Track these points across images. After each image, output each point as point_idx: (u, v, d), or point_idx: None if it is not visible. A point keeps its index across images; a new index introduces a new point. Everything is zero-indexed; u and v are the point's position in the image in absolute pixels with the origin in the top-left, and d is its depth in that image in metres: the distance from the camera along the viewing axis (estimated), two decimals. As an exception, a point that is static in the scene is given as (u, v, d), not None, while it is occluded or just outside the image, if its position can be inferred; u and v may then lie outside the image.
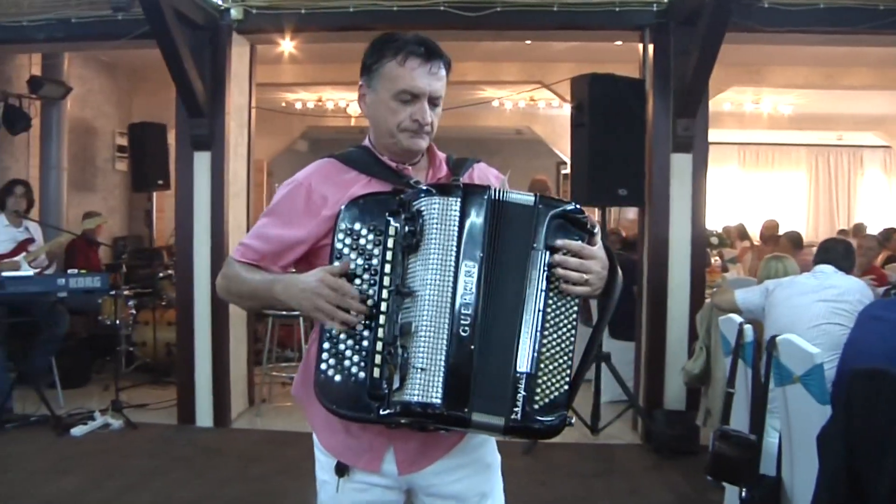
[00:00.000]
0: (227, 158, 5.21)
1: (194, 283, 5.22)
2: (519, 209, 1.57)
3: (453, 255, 1.51)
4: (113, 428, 5.07)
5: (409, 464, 1.71)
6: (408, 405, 1.47)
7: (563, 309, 1.56)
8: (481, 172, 1.85)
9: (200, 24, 4.94)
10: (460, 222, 1.53)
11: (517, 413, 1.51)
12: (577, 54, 7.50)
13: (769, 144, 14.03)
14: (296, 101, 10.47)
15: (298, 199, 1.71)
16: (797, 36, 5.25)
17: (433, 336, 1.49)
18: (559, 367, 1.54)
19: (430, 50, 1.68)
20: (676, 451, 4.71)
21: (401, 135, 1.69)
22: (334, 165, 1.75)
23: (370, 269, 1.55)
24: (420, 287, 1.50)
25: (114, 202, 8.39)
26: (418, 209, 1.54)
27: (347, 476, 1.71)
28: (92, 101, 8.03)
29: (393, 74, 1.68)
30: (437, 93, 1.69)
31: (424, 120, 1.68)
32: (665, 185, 5.10)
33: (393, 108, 1.68)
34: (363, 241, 1.56)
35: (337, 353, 1.54)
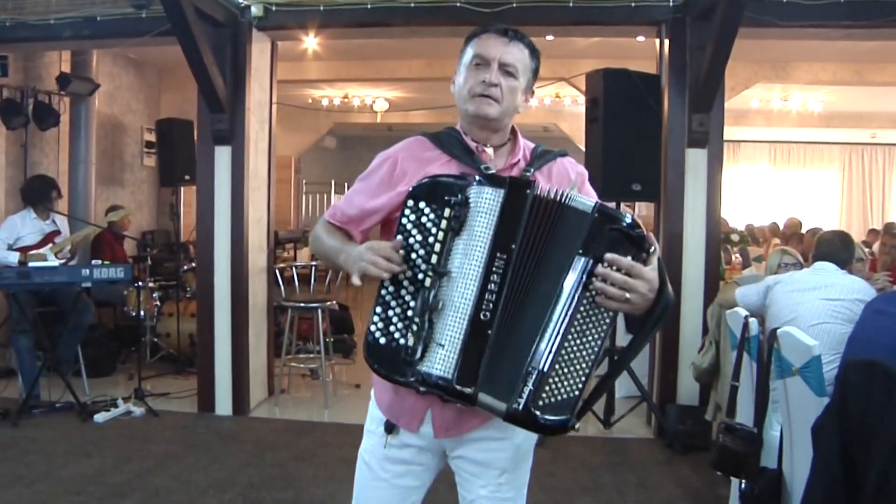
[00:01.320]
0: (248, 153, 5.31)
1: (214, 275, 5.33)
2: (572, 212, 1.60)
3: (487, 244, 1.59)
4: (135, 415, 5.21)
5: (445, 429, 1.83)
6: (426, 375, 1.59)
7: (595, 319, 1.58)
8: (561, 167, 1.88)
9: (221, 21, 5.05)
10: (500, 214, 1.60)
11: (520, 403, 1.57)
12: (599, 50, 7.51)
13: (801, 143, 13.86)
14: (322, 98, 10.59)
15: (384, 170, 1.86)
16: (819, 31, 5.21)
17: (456, 316, 1.59)
18: (574, 371, 1.58)
19: (508, 29, 1.81)
20: (688, 446, 4.71)
21: (471, 101, 1.80)
22: (422, 143, 1.87)
23: (426, 246, 1.64)
24: (456, 269, 1.61)
25: (141, 197, 8.58)
26: (467, 196, 1.63)
27: (394, 433, 1.85)
28: (120, 97, 8.22)
29: (471, 50, 1.82)
30: (508, 60, 1.78)
31: (491, 80, 1.76)
32: (680, 180, 5.10)
33: (467, 76, 1.81)
34: (424, 219, 1.66)
35: (386, 318, 1.65)
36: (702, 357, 4.51)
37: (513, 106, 1.81)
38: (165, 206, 8.72)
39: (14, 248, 5.50)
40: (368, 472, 1.91)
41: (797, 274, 3.86)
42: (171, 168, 7.28)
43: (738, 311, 3.78)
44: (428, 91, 9.78)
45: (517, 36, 1.80)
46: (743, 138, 12.62)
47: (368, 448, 1.92)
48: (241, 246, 5.30)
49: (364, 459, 1.93)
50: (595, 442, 4.93)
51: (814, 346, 2.96)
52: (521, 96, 1.83)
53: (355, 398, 5.88)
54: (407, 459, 1.87)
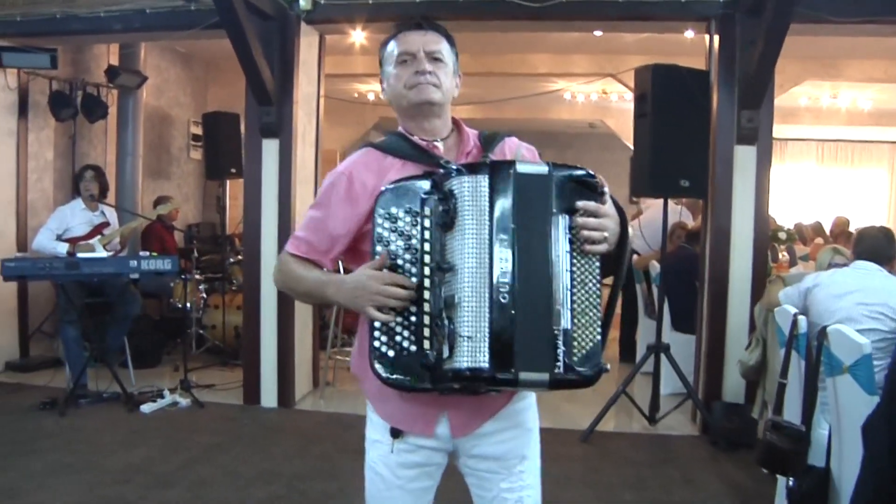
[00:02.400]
0: (295, 146, 5.36)
1: (261, 268, 5.38)
2: (536, 178, 1.64)
3: (487, 229, 1.59)
4: (181, 406, 5.29)
5: (462, 427, 1.82)
6: (459, 372, 1.57)
7: (587, 266, 1.65)
8: (512, 146, 1.90)
9: (270, 14, 5.10)
10: (490, 198, 1.61)
11: (559, 367, 1.59)
12: (647, 46, 7.44)
13: (848, 141, 13.59)
14: (368, 92, 10.64)
15: (340, 188, 1.81)
16: (872, 27, 5.11)
17: (476, 306, 1.57)
18: (590, 320, 1.63)
19: (421, 22, 1.84)
20: (734, 443, 4.66)
21: (409, 92, 1.80)
22: (372, 153, 1.84)
23: (410, 249, 1.65)
24: (459, 262, 1.59)
25: (188, 189, 8.71)
26: (450, 189, 1.63)
27: (402, 438, 1.82)
28: (168, 90, 8.35)
29: (392, 50, 1.84)
30: (432, 48, 1.80)
31: (422, 68, 1.78)
32: (728, 177, 5.03)
33: (398, 73, 1.82)
34: (401, 223, 1.66)
35: (388, 330, 1.65)
36: (749, 354, 4.45)
37: (450, 90, 1.84)
38: (211, 199, 8.84)
39: (63, 238, 5.61)
40: (382, 483, 1.88)
41: (837, 275, 3.69)
42: (217, 161, 7.38)
43: (786, 308, 3.71)
44: (473, 86, 9.76)
45: (432, 26, 1.84)
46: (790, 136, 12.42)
47: (377, 458, 1.88)
48: (287, 239, 5.32)
49: (375, 470, 1.89)
50: (640, 438, 4.89)
51: (864, 344, 2.91)
52: (452, 79, 1.86)
53: (398, 391, 5.89)
54: (420, 462, 1.85)
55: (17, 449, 4.38)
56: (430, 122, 1.84)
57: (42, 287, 6.48)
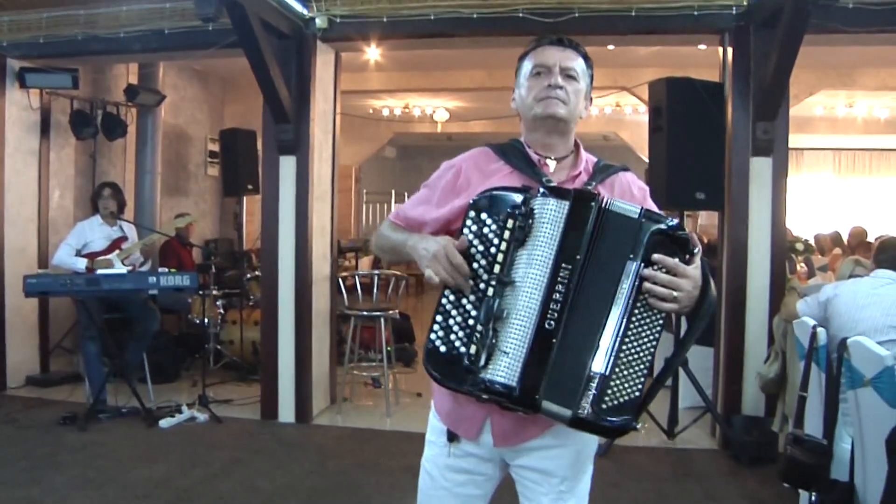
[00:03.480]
0: (312, 162, 5.40)
1: (279, 283, 5.42)
2: (622, 220, 1.66)
3: (553, 255, 1.63)
4: (199, 421, 5.31)
5: (504, 438, 1.85)
6: (490, 383, 1.62)
7: (648, 320, 1.64)
8: (623, 181, 1.91)
9: (286, 33, 5.16)
10: (566, 225, 1.64)
11: (584, 409, 1.61)
12: (660, 59, 7.46)
13: (865, 150, 13.51)
14: (383, 108, 10.72)
15: (449, 178, 1.91)
16: (887, 36, 5.10)
17: (522, 325, 1.62)
18: (634, 373, 1.62)
19: (562, 38, 1.88)
20: (754, 457, 4.63)
21: (537, 105, 1.84)
22: (486, 154, 1.92)
23: (487, 256, 1.68)
24: (520, 279, 1.64)
25: (205, 206, 8.78)
26: (532, 208, 1.66)
27: (456, 443, 1.88)
28: (185, 108, 8.44)
29: (528, 63, 1.88)
30: (568, 65, 1.84)
31: (555, 83, 1.81)
32: (744, 189, 5.02)
33: (530, 85, 1.86)
34: (486, 230, 1.70)
35: (447, 326, 1.69)
36: (768, 367, 4.43)
37: (577, 109, 1.86)
38: (228, 215, 8.92)
39: (82, 253, 5.66)
40: (431, 482, 1.95)
41: (858, 285, 3.67)
42: (235, 177, 7.45)
43: (805, 320, 3.70)
44: (488, 101, 9.83)
45: (572, 44, 1.87)
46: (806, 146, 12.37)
47: (430, 457, 1.96)
48: (305, 254, 5.38)
49: (426, 469, 1.97)
50: (659, 452, 4.87)
51: (886, 356, 2.91)
52: (583, 101, 1.88)
53: (417, 407, 5.91)
54: (468, 469, 1.90)
55: (38, 463, 4.42)
56: (551, 137, 1.87)
57: (62, 303, 6.56)
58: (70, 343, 6.84)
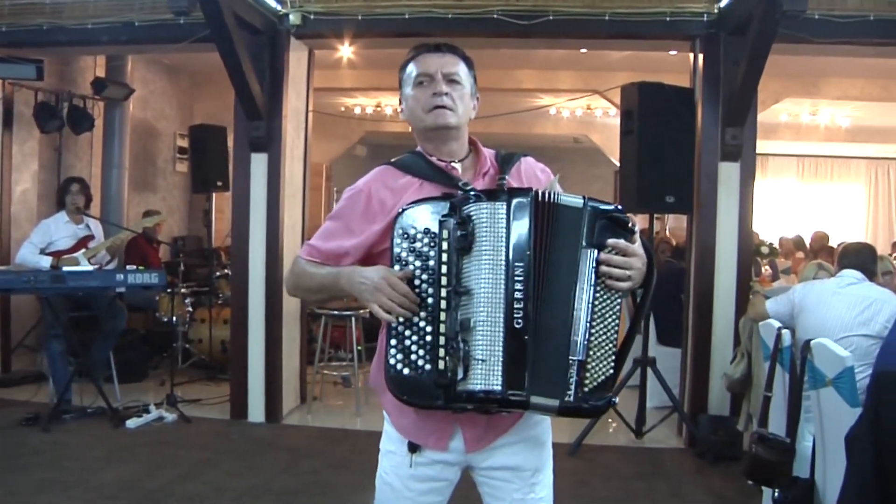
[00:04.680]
0: (284, 160, 5.37)
1: (249, 282, 5.38)
2: (568, 210, 1.70)
3: (503, 256, 1.64)
4: (167, 421, 5.24)
5: (476, 442, 1.85)
6: (472, 393, 1.64)
7: (609, 301, 1.69)
8: (528, 167, 1.94)
9: (259, 28, 5.12)
10: (507, 225, 1.66)
11: (570, 395, 1.65)
12: (631, 63, 7.54)
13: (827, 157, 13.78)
14: (355, 107, 10.67)
15: (358, 205, 1.86)
16: (851, 48, 5.24)
17: (490, 330, 1.64)
18: (605, 353, 1.68)
19: (441, 45, 1.88)
20: (720, 456, 4.72)
21: (427, 116, 1.84)
22: (390, 171, 1.89)
23: (428, 270, 1.68)
24: (475, 286, 1.64)
25: (173, 202, 8.68)
26: (468, 214, 1.66)
27: (419, 453, 1.86)
28: (154, 102, 8.33)
29: (411, 72, 1.87)
30: (449, 70, 1.84)
31: (439, 90, 1.81)
32: (713, 193, 5.11)
33: (416, 95, 1.86)
34: (419, 244, 1.70)
35: (404, 348, 1.69)
36: (734, 368, 4.51)
37: (467, 112, 1.88)
38: (196, 212, 8.82)
39: (47, 252, 5.53)
40: (392, 493, 1.91)
41: (825, 284, 3.83)
42: (204, 174, 7.37)
43: (770, 322, 3.80)
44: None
45: (449, 48, 1.88)
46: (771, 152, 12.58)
47: (390, 468, 1.91)
48: (276, 253, 5.35)
49: (386, 481, 1.93)
50: (627, 452, 4.93)
51: (847, 357, 3.01)
52: (470, 102, 1.89)
53: (385, 406, 5.89)
54: (433, 475, 1.89)
55: (0, 465, 4.32)
56: (448, 144, 1.88)
57: (24, 300, 6.43)
58: (33, 341, 6.71)
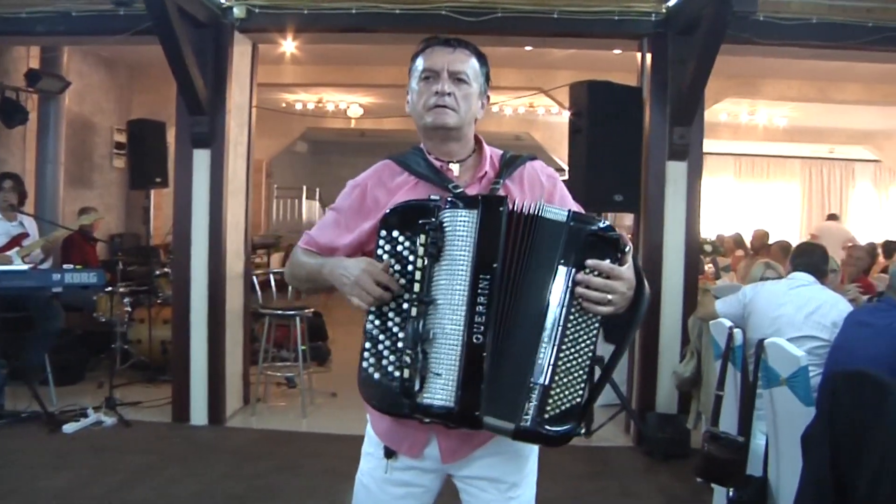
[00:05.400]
0: (227, 157, 5.24)
1: (191, 280, 5.23)
2: (549, 224, 1.60)
3: (468, 267, 1.58)
4: (106, 425, 5.06)
5: (452, 453, 1.81)
6: (426, 407, 1.59)
7: (584, 325, 1.59)
8: (532, 172, 1.86)
9: (203, 21, 4.97)
10: (477, 235, 1.58)
11: (527, 420, 1.58)
12: (576, 62, 7.58)
13: (764, 156, 14.17)
14: (296, 102, 10.52)
15: (355, 199, 1.85)
16: (791, 49, 5.35)
17: (449, 343, 1.58)
18: (574, 380, 1.59)
19: (451, 39, 1.82)
20: (668, 453, 4.77)
21: (428, 114, 1.77)
22: (389, 168, 1.85)
23: (406, 276, 1.63)
24: (440, 296, 1.59)
25: (110, 199, 8.40)
26: (441, 220, 1.60)
27: (395, 458, 1.83)
28: (90, 96, 8.04)
29: (418, 65, 1.81)
30: (456, 68, 1.77)
31: (442, 90, 1.75)
32: (660, 191, 5.15)
33: (419, 90, 1.79)
34: (400, 248, 1.65)
35: (376, 352, 1.64)
36: (684, 366, 4.56)
37: (471, 113, 1.81)
38: (134, 209, 8.57)
39: (-25, 252, 5.30)
40: (367, 495, 1.88)
41: (776, 285, 3.88)
42: (142, 170, 7.16)
43: (721, 321, 3.83)
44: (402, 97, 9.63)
45: (461, 44, 1.81)
46: (710, 151, 12.86)
47: (367, 470, 1.88)
48: (218, 251, 5.21)
49: (363, 482, 1.89)
50: (576, 451, 4.91)
51: (801, 356, 3.05)
52: (477, 102, 1.82)
53: (332, 407, 5.81)
54: (408, 481, 1.85)
55: (-72, 474, 4.13)
56: (447, 144, 1.82)
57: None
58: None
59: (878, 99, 8.95)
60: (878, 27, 5.01)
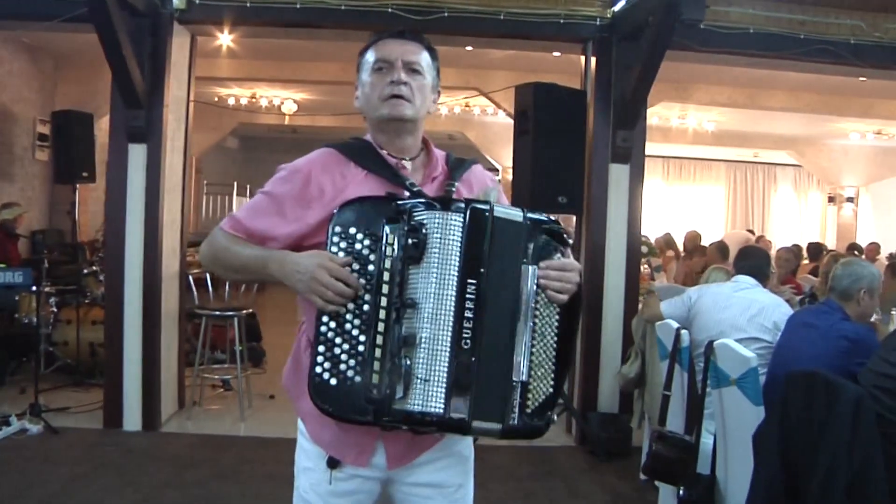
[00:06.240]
0: (164, 152, 5.05)
1: (125, 280, 5.02)
2: (510, 225, 1.61)
3: (456, 271, 1.54)
4: (31, 433, 4.81)
5: (398, 459, 1.76)
6: (410, 414, 1.53)
7: (548, 318, 1.63)
8: (479, 175, 1.87)
9: (141, 10, 4.77)
10: (465, 239, 1.55)
11: (514, 418, 1.58)
12: (514, 63, 7.61)
13: (691, 159, 14.56)
14: (229, 97, 10.28)
15: (294, 185, 1.72)
16: (724, 57, 5.50)
17: (436, 348, 1.53)
18: (545, 372, 1.62)
19: (404, 31, 1.79)
20: (610, 452, 4.84)
21: (382, 105, 1.73)
22: (334, 156, 1.76)
23: (365, 275, 1.56)
24: (423, 300, 1.53)
25: (32, 193, 8.02)
26: (420, 222, 1.55)
27: (340, 468, 1.75)
28: (11, 84, 7.65)
29: (370, 57, 1.76)
30: (410, 58, 1.73)
31: (399, 79, 1.71)
32: (603, 193, 5.22)
33: (373, 82, 1.74)
34: (358, 245, 1.58)
35: (332, 356, 1.56)
36: (628, 367, 4.61)
37: (425, 106, 1.78)
38: (58, 204, 8.21)
39: None
40: None
41: (720, 288, 3.96)
42: (68, 164, 6.83)
43: (668, 322, 3.89)
44: (340, 94, 9.62)
45: (414, 36, 1.79)
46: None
47: (309, 486, 1.80)
48: (154, 250, 5.03)
49: (305, 499, 1.81)
50: (519, 451, 4.94)
51: (751, 357, 3.10)
52: (430, 95, 1.80)
53: (271, 410, 5.68)
54: (353, 490, 1.79)
55: None
56: (402, 138, 1.77)
57: None
58: None
59: (802, 106, 9.30)
60: (808, 39, 5.22)
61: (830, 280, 3.41)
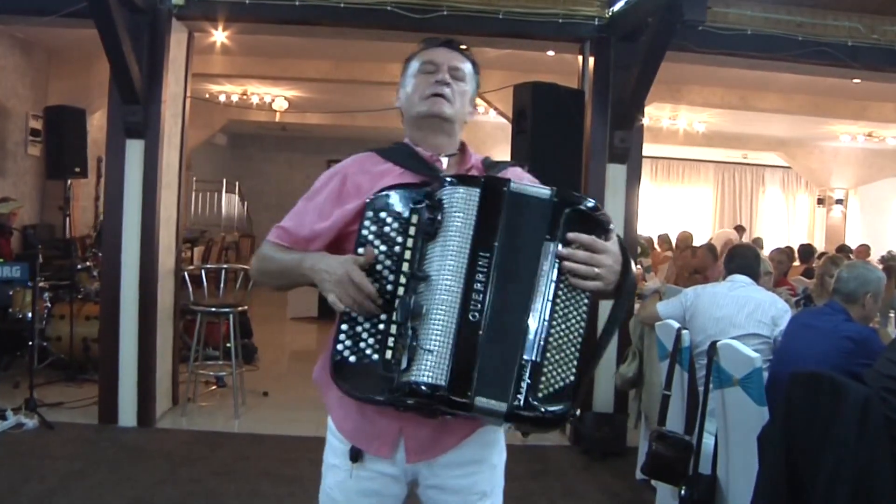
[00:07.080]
0: (162, 148, 5.03)
1: (122, 276, 5.01)
2: (535, 201, 1.59)
3: (469, 243, 1.55)
4: (27, 428, 4.78)
5: (419, 452, 1.74)
6: (414, 385, 1.50)
7: (574, 301, 1.56)
8: (516, 174, 1.83)
9: (140, 6, 4.76)
10: (479, 212, 1.56)
11: (520, 400, 1.51)
12: (508, 63, 7.60)
13: (680, 159, 14.60)
14: (220, 94, 10.22)
15: (333, 187, 1.78)
16: (720, 58, 5.52)
17: (444, 319, 1.52)
18: (565, 358, 1.54)
19: (451, 41, 1.85)
20: (606, 452, 4.86)
21: (424, 102, 1.78)
22: (371, 158, 1.81)
23: (392, 256, 1.58)
24: (435, 272, 1.54)
25: (24, 188, 7.96)
26: (440, 199, 1.57)
27: (361, 462, 1.74)
28: (4, 80, 7.59)
29: (416, 62, 1.84)
30: (457, 65, 1.80)
31: (443, 79, 1.77)
32: (600, 194, 5.23)
33: (417, 82, 1.81)
34: (387, 228, 1.60)
35: (354, 334, 1.58)
36: (627, 367, 4.63)
37: (463, 112, 1.82)
38: (50, 199, 8.15)
39: None
40: None
41: (717, 287, 3.97)
42: (60, 159, 6.82)
43: (669, 323, 3.91)
44: (331, 92, 9.63)
45: (460, 48, 1.85)
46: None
47: (335, 484, 1.79)
48: (151, 246, 5.02)
49: (331, 496, 1.80)
50: (515, 451, 4.84)
51: (756, 357, 3.12)
52: (468, 104, 1.84)
53: (265, 407, 5.68)
54: (378, 490, 1.77)
55: None
56: (438, 137, 1.80)
57: None
58: None
59: (794, 108, 9.36)
60: (806, 41, 5.25)
61: (834, 282, 3.43)
